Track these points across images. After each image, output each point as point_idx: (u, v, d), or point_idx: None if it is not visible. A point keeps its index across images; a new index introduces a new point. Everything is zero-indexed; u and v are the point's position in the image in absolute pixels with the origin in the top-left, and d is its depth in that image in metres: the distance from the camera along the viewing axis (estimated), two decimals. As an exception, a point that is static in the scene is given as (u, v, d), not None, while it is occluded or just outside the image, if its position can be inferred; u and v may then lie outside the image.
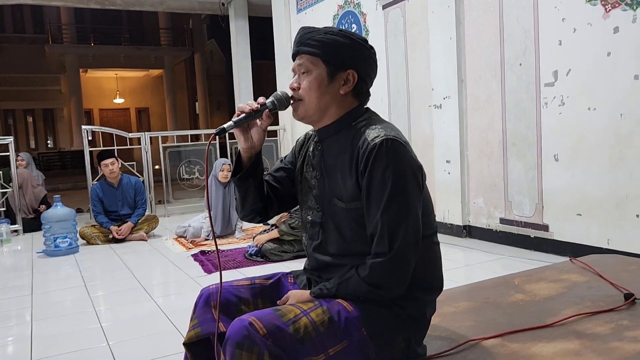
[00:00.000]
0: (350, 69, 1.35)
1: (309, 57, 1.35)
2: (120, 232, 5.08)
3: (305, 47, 1.35)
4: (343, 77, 1.36)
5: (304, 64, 1.36)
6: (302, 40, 1.36)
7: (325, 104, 1.36)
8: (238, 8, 8.38)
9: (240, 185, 1.44)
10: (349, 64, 1.35)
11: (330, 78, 1.35)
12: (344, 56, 1.35)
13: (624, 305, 1.72)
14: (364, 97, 1.41)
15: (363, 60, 1.37)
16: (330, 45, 1.34)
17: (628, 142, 3.20)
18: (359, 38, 1.37)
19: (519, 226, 3.97)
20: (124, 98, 21.94)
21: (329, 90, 1.35)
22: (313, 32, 1.36)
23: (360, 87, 1.38)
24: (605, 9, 3.24)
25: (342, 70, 1.35)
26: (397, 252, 1.25)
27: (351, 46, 1.35)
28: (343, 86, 1.36)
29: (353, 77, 1.36)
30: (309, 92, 1.35)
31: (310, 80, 1.35)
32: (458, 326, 1.64)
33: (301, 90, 1.36)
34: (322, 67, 1.34)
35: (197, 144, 7.36)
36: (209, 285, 1.53)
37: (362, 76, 1.38)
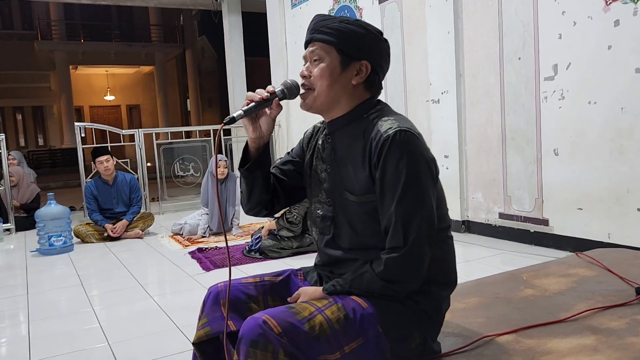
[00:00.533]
0: (364, 60, 1.32)
1: (322, 44, 1.32)
2: (115, 230, 5.02)
3: (319, 34, 1.32)
4: (356, 67, 1.32)
5: (317, 52, 1.32)
6: (317, 28, 1.33)
7: (336, 93, 1.33)
8: (231, 3, 8.31)
9: (247, 177, 1.40)
10: (362, 55, 1.32)
11: (342, 67, 1.31)
12: (359, 46, 1.31)
13: (635, 299, 1.70)
14: (376, 89, 1.38)
15: (377, 51, 1.34)
16: (346, 34, 1.30)
17: (629, 135, 3.19)
18: (375, 29, 1.34)
19: (519, 221, 3.96)
20: (114, 95, 21.76)
21: (340, 80, 1.32)
22: (328, 20, 1.32)
23: (373, 78, 1.35)
24: (605, 1, 3.23)
25: (355, 60, 1.32)
26: (412, 245, 1.22)
27: (366, 36, 1.32)
28: (355, 76, 1.33)
29: (366, 68, 1.33)
30: (320, 80, 1.32)
31: (322, 68, 1.31)
32: (470, 322, 1.61)
33: (312, 78, 1.33)
34: (335, 56, 1.31)
35: (191, 140, 7.31)
36: (217, 283, 1.49)
37: (375, 68, 1.34)
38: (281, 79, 7.00)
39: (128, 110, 22.71)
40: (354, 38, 1.31)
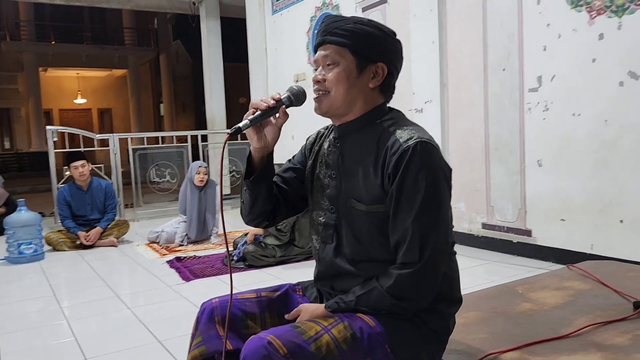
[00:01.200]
0: (380, 62, 1.27)
1: (336, 47, 1.26)
2: (89, 238, 4.84)
3: (332, 36, 1.26)
4: (372, 70, 1.27)
5: (331, 55, 1.26)
6: (329, 29, 1.27)
7: (353, 97, 1.27)
8: (210, 8, 8.20)
9: (252, 189, 1.34)
10: (379, 57, 1.27)
11: (359, 71, 1.26)
12: (374, 48, 1.26)
13: (635, 314, 1.69)
14: (390, 92, 1.33)
15: (393, 53, 1.30)
16: (361, 35, 1.25)
17: (612, 148, 3.23)
18: (389, 30, 1.30)
19: (502, 231, 3.96)
20: (85, 98, 21.30)
21: (358, 84, 1.27)
22: (341, 21, 1.27)
23: (389, 81, 1.30)
24: (590, 15, 3.26)
25: (371, 62, 1.27)
26: (428, 261, 1.17)
27: (382, 38, 1.27)
28: (372, 79, 1.28)
29: (383, 70, 1.28)
30: (336, 85, 1.26)
31: (338, 72, 1.25)
32: (472, 338, 1.57)
33: (327, 82, 1.27)
34: (350, 59, 1.25)
35: (168, 146, 7.15)
36: (211, 299, 1.41)
37: (391, 70, 1.30)
38: (261, 86, 6.94)
39: (99, 114, 22.27)
40: (370, 39, 1.26)
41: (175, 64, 20.63)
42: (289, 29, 6.37)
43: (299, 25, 6.14)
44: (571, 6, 3.36)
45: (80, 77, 21.00)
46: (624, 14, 3.09)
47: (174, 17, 18.51)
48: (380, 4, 4.89)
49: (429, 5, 4.28)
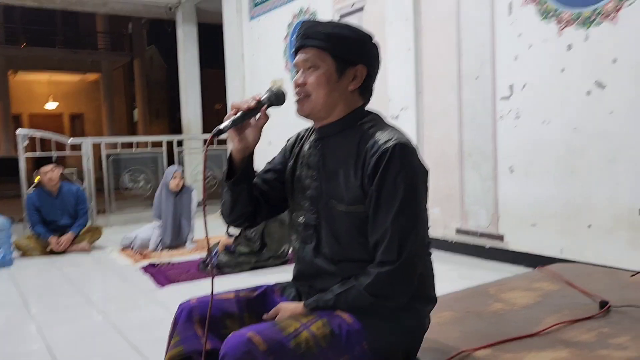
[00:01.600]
0: (359, 65, 1.30)
1: (316, 51, 1.28)
2: (60, 244, 4.76)
3: (311, 40, 1.28)
4: (352, 72, 1.30)
5: (311, 59, 1.28)
6: (308, 33, 1.29)
7: (333, 100, 1.30)
8: (186, 13, 8.18)
9: (233, 189, 1.35)
10: (357, 59, 1.30)
11: (339, 74, 1.29)
12: (353, 51, 1.29)
13: (600, 313, 1.75)
14: (369, 94, 1.37)
15: (371, 55, 1.33)
16: (339, 39, 1.28)
17: (580, 155, 3.33)
18: (366, 33, 1.33)
19: (475, 236, 4.04)
20: (57, 103, 20.88)
21: (338, 87, 1.29)
22: (319, 25, 1.29)
23: (367, 83, 1.34)
24: (559, 26, 3.37)
25: (351, 65, 1.29)
26: (406, 260, 1.21)
27: (360, 40, 1.30)
28: (352, 82, 1.30)
29: (362, 72, 1.31)
30: (317, 88, 1.28)
31: (318, 75, 1.28)
32: (446, 337, 1.60)
33: (308, 86, 1.29)
34: (330, 62, 1.28)
35: (143, 151, 7.07)
36: (189, 300, 1.41)
37: (370, 72, 1.33)
38: (238, 92, 6.94)
39: (71, 119, 21.85)
40: (348, 43, 1.28)
41: (150, 70, 20.42)
42: (266, 36, 6.40)
43: (276, 31, 6.17)
44: (541, 17, 3.47)
45: (51, 81, 20.58)
46: (590, 26, 3.21)
47: (149, 22, 18.36)
48: (357, 11, 4.96)
49: (405, 14, 4.36)
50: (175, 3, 8.21)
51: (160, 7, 8.37)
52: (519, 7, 3.60)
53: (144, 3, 8.26)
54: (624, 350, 1.46)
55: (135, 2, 8.13)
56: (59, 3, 7.89)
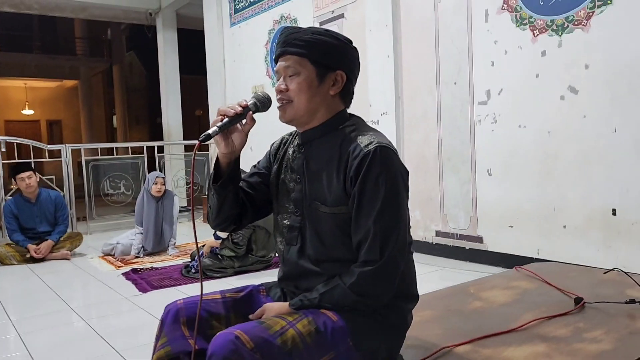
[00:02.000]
0: (339, 70, 1.34)
1: (296, 58, 1.32)
2: (39, 251, 4.70)
3: (292, 47, 1.32)
4: (332, 77, 1.34)
5: (292, 66, 1.32)
6: (288, 41, 1.33)
7: (315, 105, 1.34)
8: (166, 19, 8.17)
9: (220, 193, 1.37)
10: (337, 65, 1.34)
11: (319, 79, 1.32)
12: (333, 57, 1.33)
13: (575, 309, 1.81)
14: (349, 98, 1.41)
15: (350, 60, 1.37)
16: (319, 45, 1.31)
17: (555, 157, 3.42)
18: (345, 39, 1.37)
19: (455, 238, 4.11)
20: (33, 109, 20.55)
21: (319, 92, 1.33)
22: (299, 33, 1.33)
23: (348, 88, 1.37)
24: (533, 33, 3.47)
25: (331, 71, 1.33)
26: (388, 258, 1.24)
27: (339, 46, 1.34)
28: (332, 87, 1.34)
29: (342, 77, 1.35)
30: (298, 94, 1.32)
31: (299, 82, 1.31)
32: (428, 334, 1.65)
33: (290, 92, 1.32)
34: (310, 68, 1.32)
35: (123, 157, 7.03)
36: (176, 301, 1.43)
37: (350, 76, 1.37)
38: (219, 98, 6.95)
39: (48, 126, 21.52)
40: (327, 49, 1.32)
41: (129, 76, 20.26)
42: (247, 42, 6.42)
43: (257, 37, 6.20)
44: (516, 25, 3.56)
45: (28, 87, 20.25)
46: (563, 33, 3.31)
47: (128, 27, 18.22)
48: (337, 18, 5.02)
49: (384, 20, 4.43)
50: (156, 9, 8.19)
51: (140, 13, 8.35)
52: (494, 14, 3.69)
53: (124, 8, 8.23)
54: (598, 343, 1.53)
55: (115, 7, 8.09)
56: (36, 8, 7.81)
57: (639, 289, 1.89)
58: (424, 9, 4.19)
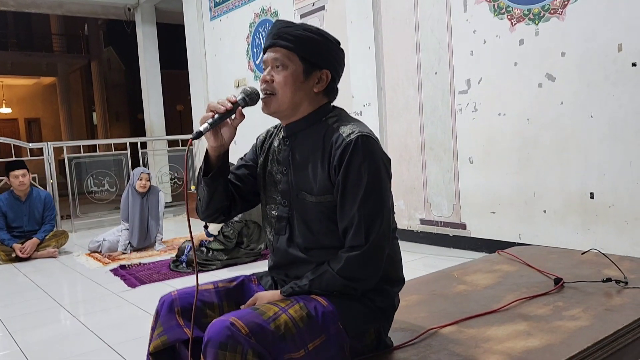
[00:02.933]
0: (325, 69, 1.38)
1: (285, 51, 1.35)
2: (25, 250, 4.68)
3: (282, 40, 1.35)
4: (317, 75, 1.38)
5: (280, 58, 1.35)
6: (279, 34, 1.36)
7: (298, 99, 1.37)
8: (145, 14, 8.10)
9: (210, 185, 1.41)
10: (324, 64, 1.38)
11: (305, 75, 1.36)
12: (320, 55, 1.37)
13: (555, 289, 1.89)
14: (333, 95, 1.45)
15: (337, 61, 1.41)
16: (309, 42, 1.35)
17: (534, 144, 3.51)
18: (333, 39, 1.41)
19: (439, 226, 4.19)
20: (10, 108, 20.22)
21: (303, 87, 1.37)
22: (291, 27, 1.36)
23: (332, 86, 1.42)
24: (511, 22, 3.54)
25: (317, 69, 1.37)
26: (373, 243, 1.30)
27: (327, 46, 1.38)
28: (317, 84, 1.38)
29: (327, 76, 1.39)
30: (283, 87, 1.35)
31: (285, 75, 1.35)
32: (414, 317, 1.71)
33: (275, 84, 1.36)
34: (298, 63, 1.35)
35: (106, 154, 6.99)
36: (170, 292, 1.47)
37: (334, 76, 1.41)
38: (201, 92, 6.93)
39: (27, 124, 21.19)
40: (317, 47, 1.36)
41: (108, 72, 20.02)
42: (228, 35, 6.41)
43: (238, 31, 6.20)
44: (494, 14, 3.63)
45: (4, 85, 19.90)
46: (540, 22, 3.39)
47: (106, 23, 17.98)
48: (318, 10, 5.05)
49: (365, 12, 4.47)
50: (134, 3, 8.12)
51: (118, 8, 8.26)
52: (473, 4, 3.75)
53: (102, 4, 8.14)
54: (576, 320, 1.60)
55: (92, 2, 8.00)
56: (12, 5, 7.69)
57: (615, 269, 1.97)
58: (403, 0, 4.24)
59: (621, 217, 3.11)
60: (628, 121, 3.04)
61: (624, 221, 3.10)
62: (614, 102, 3.08)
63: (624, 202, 3.09)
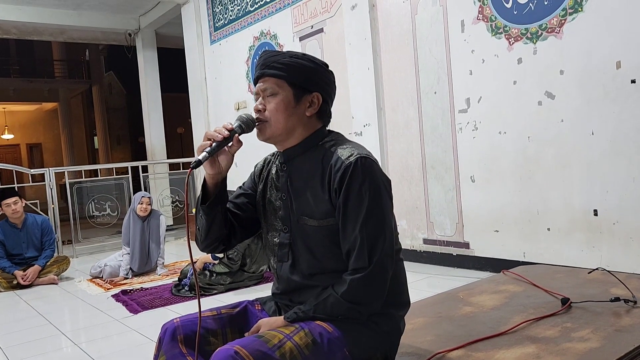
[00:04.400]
0: (315, 92, 1.39)
1: (274, 79, 1.37)
2: (26, 277, 4.65)
3: (270, 69, 1.37)
4: (308, 99, 1.39)
5: (270, 87, 1.37)
6: (267, 63, 1.38)
7: (292, 125, 1.38)
8: (146, 39, 8.18)
9: (208, 213, 1.40)
10: (314, 87, 1.39)
11: (296, 100, 1.37)
12: (309, 79, 1.38)
13: (562, 309, 1.86)
14: (327, 118, 1.45)
15: (326, 83, 1.42)
16: (296, 68, 1.37)
17: (535, 162, 3.50)
18: (321, 62, 1.43)
19: (442, 245, 4.16)
20: (12, 134, 20.33)
21: (296, 112, 1.38)
22: (278, 56, 1.38)
23: (324, 108, 1.42)
24: (509, 41, 3.56)
25: (307, 93, 1.38)
26: (376, 265, 1.28)
27: (315, 70, 1.39)
28: (309, 108, 1.39)
29: (318, 99, 1.40)
30: (275, 114, 1.36)
31: (277, 102, 1.36)
32: (421, 341, 1.68)
33: (267, 112, 1.37)
34: (288, 90, 1.37)
35: (107, 178, 6.99)
36: (172, 319, 1.45)
37: (326, 98, 1.42)
38: (202, 115, 6.97)
39: (28, 150, 21.28)
40: (305, 72, 1.37)
41: (109, 96, 20.18)
42: (228, 59, 6.47)
43: (238, 54, 6.25)
44: (492, 34, 3.66)
45: (6, 111, 20.05)
46: (538, 41, 3.41)
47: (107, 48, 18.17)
48: (317, 33, 5.09)
49: (363, 34, 4.51)
50: (135, 29, 8.21)
51: (119, 34, 8.35)
52: (470, 24, 3.78)
53: (103, 30, 8.22)
54: (586, 342, 1.57)
55: (94, 29, 8.08)
56: (15, 33, 7.77)
57: (623, 287, 1.94)
58: (401, 21, 4.28)
59: (626, 233, 3.09)
60: (630, 137, 3.03)
61: (629, 238, 3.08)
62: (615, 118, 3.08)
63: (628, 219, 3.07)
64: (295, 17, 5.35)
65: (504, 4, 3.57)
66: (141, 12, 7.95)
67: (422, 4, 4.11)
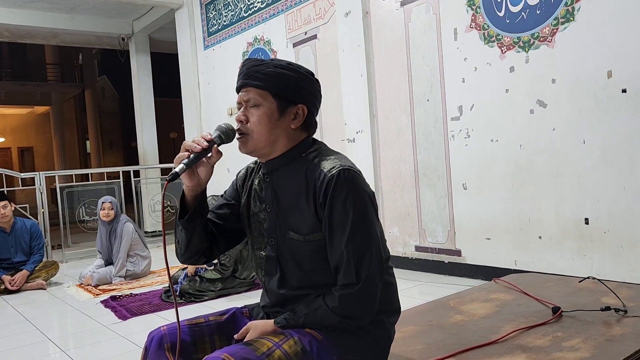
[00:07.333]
0: (300, 104, 1.35)
1: (257, 90, 1.32)
2: (14, 282, 4.59)
3: (254, 80, 1.32)
4: (293, 111, 1.35)
5: (253, 98, 1.33)
6: (250, 73, 1.33)
7: (275, 137, 1.34)
8: (139, 43, 8.16)
9: (187, 227, 1.36)
10: (299, 99, 1.35)
11: (280, 112, 1.33)
12: (294, 91, 1.34)
13: (553, 318, 1.86)
14: (312, 128, 1.41)
15: (312, 93, 1.38)
16: (281, 79, 1.32)
17: (527, 170, 3.51)
18: (307, 72, 1.38)
19: (434, 252, 4.16)
20: (4, 137, 20.20)
21: (280, 124, 1.34)
22: (261, 65, 1.33)
23: (309, 120, 1.39)
24: (501, 50, 3.58)
25: (292, 104, 1.34)
26: (365, 281, 1.27)
27: (301, 80, 1.35)
28: (294, 120, 1.35)
29: (303, 111, 1.36)
30: (258, 127, 1.32)
31: (260, 114, 1.32)
32: (411, 350, 1.67)
33: (250, 124, 1.33)
34: (271, 101, 1.32)
35: (99, 182, 6.95)
36: (159, 327, 1.43)
37: (311, 109, 1.38)
38: (194, 120, 6.94)
39: (20, 153, 21.15)
40: (289, 83, 1.33)
41: (102, 100, 20.14)
42: (221, 64, 6.46)
43: (231, 60, 6.24)
44: (484, 42, 3.67)
45: (-2, 114, 19.96)
46: (530, 49, 3.43)
47: (100, 52, 18.14)
48: (310, 39, 5.10)
49: (357, 41, 4.52)
50: (128, 34, 8.19)
51: (112, 38, 8.32)
52: (463, 32, 3.80)
53: (96, 34, 8.19)
54: (576, 351, 1.56)
55: (87, 33, 8.05)
56: (7, 36, 7.73)
57: (614, 296, 1.94)
58: (394, 29, 4.29)
59: (617, 242, 3.09)
60: (620, 147, 3.05)
61: (619, 247, 3.08)
62: (606, 128, 3.10)
63: (619, 228, 3.08)
64: (289, 24, 5.35)
65: (496, 12, 3.59)
66: (135, 17, 7.94)
67: (416, 11, 4.12)
